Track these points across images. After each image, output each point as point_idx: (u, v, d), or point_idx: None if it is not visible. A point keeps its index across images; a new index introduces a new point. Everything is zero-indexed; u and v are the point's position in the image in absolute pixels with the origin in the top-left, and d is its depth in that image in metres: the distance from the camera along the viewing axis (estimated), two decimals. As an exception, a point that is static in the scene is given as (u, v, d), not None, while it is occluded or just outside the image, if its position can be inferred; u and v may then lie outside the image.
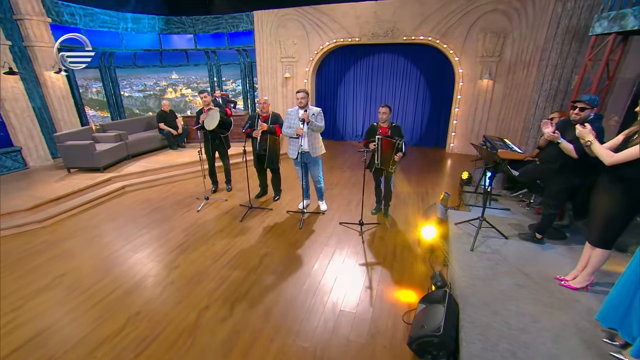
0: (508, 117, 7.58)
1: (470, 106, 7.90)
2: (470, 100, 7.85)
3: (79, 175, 6.03)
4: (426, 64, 8.38)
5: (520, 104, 7.32)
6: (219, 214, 4.84)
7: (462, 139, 8.25)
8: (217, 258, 3.74)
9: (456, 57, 7.60)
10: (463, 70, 7.66)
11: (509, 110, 7.52)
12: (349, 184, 6.15)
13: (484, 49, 7.29)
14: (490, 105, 7.70)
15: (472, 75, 7.63)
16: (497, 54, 7.22)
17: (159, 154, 7.33)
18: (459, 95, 7.92)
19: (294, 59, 8.96)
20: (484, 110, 7.81)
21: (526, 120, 7.36)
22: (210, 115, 4.91)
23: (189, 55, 9.80)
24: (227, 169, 5.60)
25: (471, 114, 7.96)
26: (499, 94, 7.54)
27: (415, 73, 8.60)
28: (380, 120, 4.20)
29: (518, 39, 6.95)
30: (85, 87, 8.67)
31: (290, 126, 4.33)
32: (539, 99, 6.89)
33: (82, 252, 3.93)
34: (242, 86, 10.14)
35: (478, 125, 7.99)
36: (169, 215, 4.86)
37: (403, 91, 8.87)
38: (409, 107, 8.95)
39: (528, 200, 4.82)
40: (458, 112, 8.08)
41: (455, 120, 8.19)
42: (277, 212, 4.89)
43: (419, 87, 8.69)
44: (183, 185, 6.13)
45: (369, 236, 4.24)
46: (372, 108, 9.33)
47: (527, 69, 6.94)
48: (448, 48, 7.60)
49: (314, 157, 4.45)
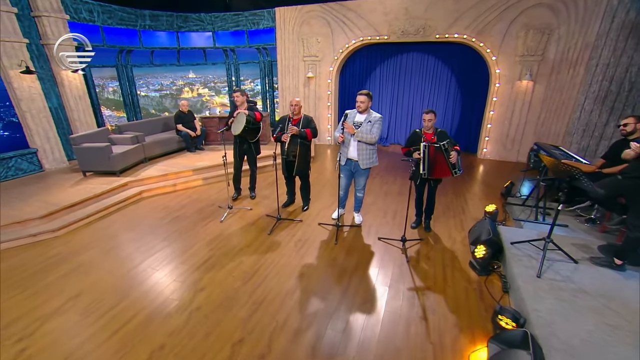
0: (548, 121, 7.11)
1: (506, 109, 7.42)
2: (506, 102, 7.37)
3: (95, 179, 5.77)
4: (458, 64, 7.95)
5: (563, 107, 6.83)
6: (244, 225, 4.49)
7: (497, 144, 7.78)
8: (247, 279, 3.36)
9: (493, 56, 7.12)
10: (500, 70, 7.18)
11: (550, 114, 7.04)
12: (381, 192, 5.75)
13: (525, 48, 6.80)
14: (529, 108, 7.21)
15: (510, 76, 7.15)
16: (540, 52, 6.72)
17: (176, 156, 7.08)
18: (494, 97, 7.44)
19: (318, 58, 8.61)
20: (522, 114, 7.32)
21: (569, 124, 6.85)
22: (238, 118, 4.59)
23: (207, 54, 9.57)
24: (253, 175, 5.30)
25: (507, 118, 7.48)
26: (540, 95, 7.04)
27: (446, 74, 8.17)
28: (425, 127, 3.91)
29: (565, 36, 6.45)
30: (101, 86, 8.44)
31: (339, 129, 4.00)
32: (585, 101, 6.36)
33: (98, 267, 3.60)
34: (261, 86, 9.85)
35: (514, 129, 7.50)
36: (190, 225, 4.53)
37: (432, 93, 8.47)
38: (438, 109, 8.55)
39: (588, 215, 4.32)
40: (493, 115, 7.61)
41: (489, 124, 7.71)
42: (307, 224, 4.53)
43: (449, 88, 8.26)
44: (204, 191, 5.83)
45: (412, 254, 3.85)
46: (399, 110, 8.95)
47: (574, 68, 6.44)
48: (484, 47, 7.13)
49: (363, 169, 4.09)
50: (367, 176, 4.23)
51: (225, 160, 4.47)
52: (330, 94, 8.85)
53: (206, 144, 7.82)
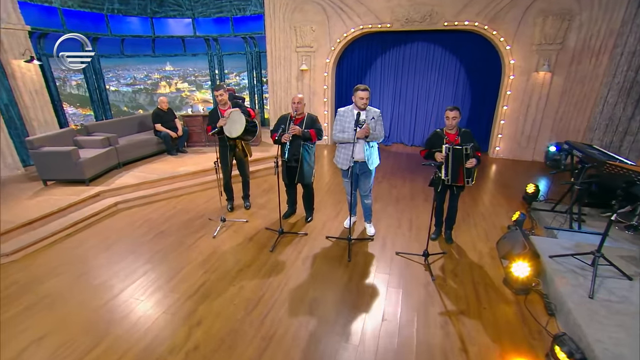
0: (568, 116, 7.11)
1: (521, 103, 7.37)
2: (522, 96, 7.31)
3: (59, 189, 5.35)
4: (468, 54, 7.86)
5: (584, 99, 6.84)
6: (242, 242, 4.21)
7: (511, 142, 7.73)
8: (251, 307, 3.07)
9: (507, 45, 7.04)
10: (515, 61, 7.11)
11: (570, 108, 7.03)
12: (391, 198, 5.56)
13: (543, 36, 6.73)
14: (546, 101, 7.16)
15: (526, 67, 7.08)
16: (559, 40, 6.66)
17: (155, 160, 6.79)
18: (508, 90, 7.38)
19: (312, 49, 8.39)
20: (539, 108, 7.27)
21: (591, 119, 6.84)
22: (232, 118, 4.31)
23: (186, 44, 9.30)
24: (245, 181, 5.05)
25: (522, 113, 7.43)
26: (558, 88, 7.00)
27: (454, 66, 8.09)
28: (448, 127, 3.77)
29: (587, 22, 6.41)
30: (62, 79, 7.95)
31: (343, 130, 3.88)
32: (608, 93, 6.34)
33: (67, 299, 3.23)
34: (248, 80, 9.68)
35: (530, 125, 7.46)
36: (177, 242, 4.22)
37: (439, 87, 8.37)
38: (446, 104, 8.41)
39: (628, 221, 4.19)
40: (506, 110, 7.54)
41: (502, 121, 7.64)
42: (314, 238, 4.30)
43: (457, 82, 8.19)
44: (190, 200, 5.53)
45: (437, 270, 3.67)
46: (402, 106, 8.83)
47: (596, 57, 6.44)
48: (497, 35, 7.04)
49: (371, 169, 4.01)
50: (373, 177, 4.17)
51: (218, 166, 4.19)
52: (326, 89, 8.65)
53: (189, 145, 7.57)
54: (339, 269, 3.66)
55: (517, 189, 5.81)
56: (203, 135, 7.58)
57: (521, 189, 5.59)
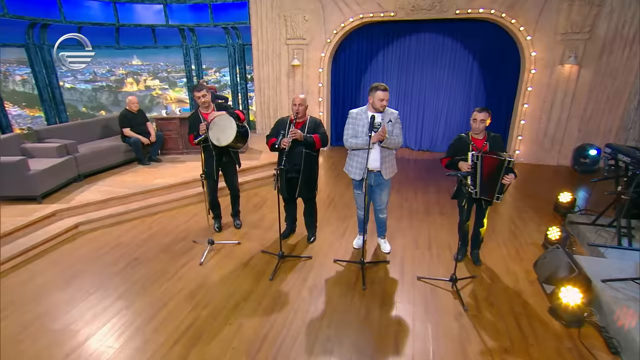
0: (597, 114, 7.28)
1: (544, 101, 7.52)
2: (544, 93, 7.46)
3: (4, 208, 5.08)
4: (482, 46, 8.03)
5: (616, 96, 7.05)
6: (235, 268, 4.08)
7: (532, 145, 7.88)
8: (254, 351, 2.90)
9: (527, 36, 7.19)
10: (536, 53, 7.26)
11: (600, 105, 7.20)
12: (403, 212, 5.58)
13: (569, 24, 6.89)
14: (572, 98, 7.33)
15: (550, 59, 7.24)
16: (587, 29, 6.81)
17: (124, 171, 6.68)
18: (528, 87, 7.53)
19: (305, 41, 8.45)
20: (564, 106, 7.43)
21: (624, 117, 6.96)
22: (220, 124, 4.19)
23: (158, 34, 9.27)
24: (235, 196, 4.98)
25: (545, 112, 7.59)
26: (586, 83, 7.17)
27: (466, 59, 8.26)
28: (475, 130, 3.74)
29: (618, 7, 6.57)
30: (4, 73, 7.68)
31: (356, 134, 3.89)
32: (645, 87, 6.48)
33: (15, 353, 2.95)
34: (230, 76, 9.70)
35: (554, 125, 7.61)
36: (156, 271, 4.03)
37: (449, 84, 8.55)
38: (457, 103, 8.64)
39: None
40: (527, 109, 7.69)
41: (522, 121, 7.80)
42: (320, 262, 4.21)
43: (471, 78, 8.37)
44: (169, 219, 5.40)
45: (468, 298, 3.59)
46: (407, 106, 8.94)
47: (630, 47, 6.63)
48: (516, 24, 7.18)
49: (387, 179, 4.03)
50: (389, 189, 4.21)
51: (204, 180, 4.11)
52: (322, 87, 8.69)
53: (163, 153, 7.46)
54: (354, 299, 3.55)
55: (545, 199, 5.83)
56: (180, 141, 7.47)
57: (550, 198, 5.61)
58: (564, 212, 5.19)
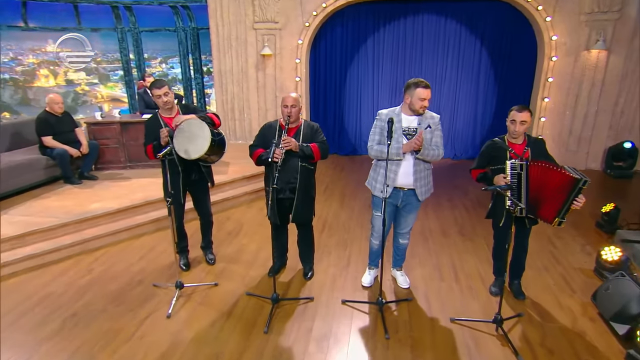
0: (631, 109, 7.50)
1: (567, 94, 7.73)
2: (568, 84, 7.67)
3: None
4: (492, 30, 8.22)
5: None
6: (215, 320, 3.81)
7: (555, 145, 8.04)
8: None
9: (547, 17, 7.38)
10: (557, 37, 7.46)
11: (634, 97, 7.40)
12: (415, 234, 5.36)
13: (595, 2, 7.11)
14: (601, 90, 7.55)
15: (573, 44, 7.44)
16: (617, 7, 7.03)
17: (46, 194, 6.28)
18: (549, 77, 7.72)
19: (277, 25, 8.43)
20: (591, 99, 7.65)
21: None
22: (188, 131, 4.04)
23: (82, 12, 9.03)
24: (207, 222, 4.81)
25: (569, 106, 7.79)
26: (617, 71, 7.39)
27: (473, 46, 8.46)
28: (513, 134, 3.74)
29: None
30: None
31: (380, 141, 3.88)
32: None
33: None
34: (181, 69, 9.59)
35: (580, 122, 7.83)
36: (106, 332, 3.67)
37: (453, 75, 8.72)
38: (462, 99, 8.82)
39: None
40: (547, 104, 7.90)
41: (542, 118, 8.01)
42: (324, 304, 4.06)
43: (479, 68, 8.56)
44: (115, 257, 5.08)
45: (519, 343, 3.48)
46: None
47: None
48: (533, 3, 7.36)
49: (420, 200, 4.02)
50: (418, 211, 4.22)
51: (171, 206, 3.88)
52: (299, 82, 8.70)
53: (99, 168, 7.12)
54: (377, 353, 3.39)
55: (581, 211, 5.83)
56: (122, 151, 7.16)
57: (587, 210, 5.60)
58: (609, 227, 5.21)
